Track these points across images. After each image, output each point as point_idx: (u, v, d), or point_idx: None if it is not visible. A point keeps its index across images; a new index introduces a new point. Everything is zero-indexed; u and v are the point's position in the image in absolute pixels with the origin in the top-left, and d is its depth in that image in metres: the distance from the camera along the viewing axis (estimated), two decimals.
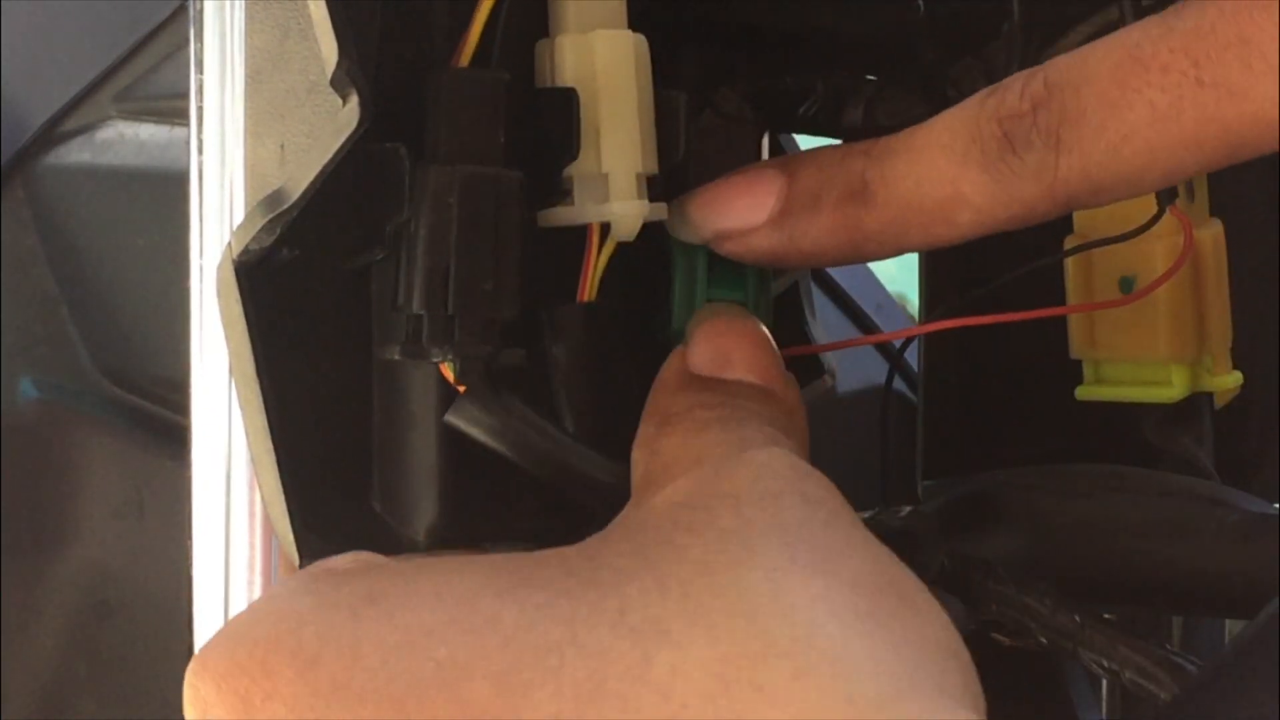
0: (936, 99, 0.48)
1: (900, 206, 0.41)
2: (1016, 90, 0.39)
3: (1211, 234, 0.53)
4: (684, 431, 0.40)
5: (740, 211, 0.43)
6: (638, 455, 0.41)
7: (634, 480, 0.40)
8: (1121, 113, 0.37)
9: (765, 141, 0.54)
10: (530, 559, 0.36)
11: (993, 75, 0.47)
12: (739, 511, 0.35)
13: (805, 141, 0.62)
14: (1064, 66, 0.39)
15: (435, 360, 0.42)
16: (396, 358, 0.42)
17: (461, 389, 0.42)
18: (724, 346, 0.42)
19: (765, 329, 0.43)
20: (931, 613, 0.34)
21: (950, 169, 0.40)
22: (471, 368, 0.42)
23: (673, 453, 0.39)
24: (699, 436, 0.39)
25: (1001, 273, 0.55)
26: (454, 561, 0.37)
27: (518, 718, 0.33)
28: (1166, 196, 0.48)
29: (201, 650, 0.38)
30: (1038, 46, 0.47)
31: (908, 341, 0.55)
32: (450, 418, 0.42)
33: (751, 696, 0.31)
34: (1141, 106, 0.37)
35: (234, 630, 0.37)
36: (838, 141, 0.46)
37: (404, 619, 0.35)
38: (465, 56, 0.42)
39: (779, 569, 0.33)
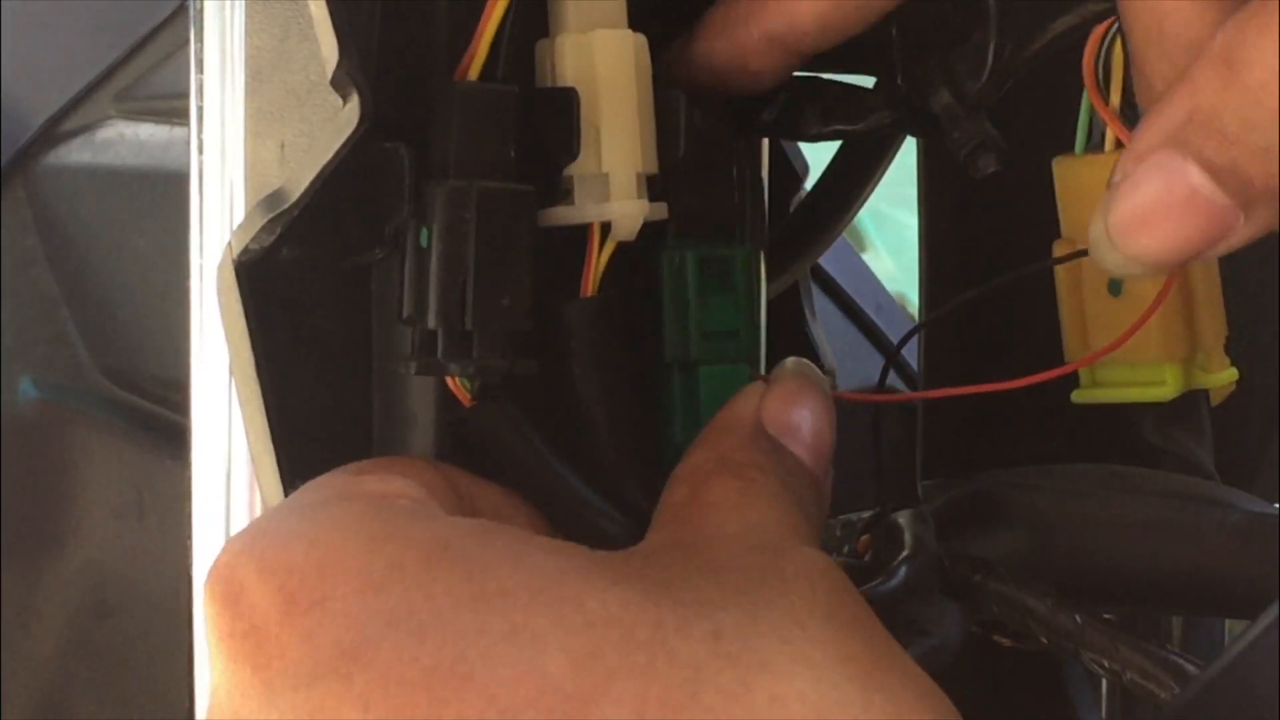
0: (899, 104, 0.49)
1: None
2: None
3: None
4: (737, 486, 0.40)
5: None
6: (683, 480, 0.41)
7: (672, 498, 0.41)
8: None
9: (765, 147, 0.54)
10: (598, 554, 0.36)
11: (954, 80, 0.48)
12: (813, 590, 0.36)
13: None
14: None
15: (452, 374, 0.42)
16: (411, 372, 0.42)
17: (469, 404, 0.42)
18: (797, 417, 0.43)
19: (833, 411, 0.44)
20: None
21: None
22: (491, 382, 0.42)
23: (720, 498, 0.40)
24: (749, 497, 0.40)
25: (1000, 274, 0.55)
26: (524, 534, 0.37)
27: (596, 703, 0.32)
28: None
29: (243, 533, 0.37)
30: (1010, 51, 0.47)
31: (905, 339, 0.55)
32: (462, 425, 0.42)
33: None
34: None
35: (288, 526, 0.36)
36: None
37: (479, 575, 0.34)
38: (475, 69, 0.42)
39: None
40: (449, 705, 0.33)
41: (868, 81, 0.51)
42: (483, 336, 0.41)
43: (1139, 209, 0.37)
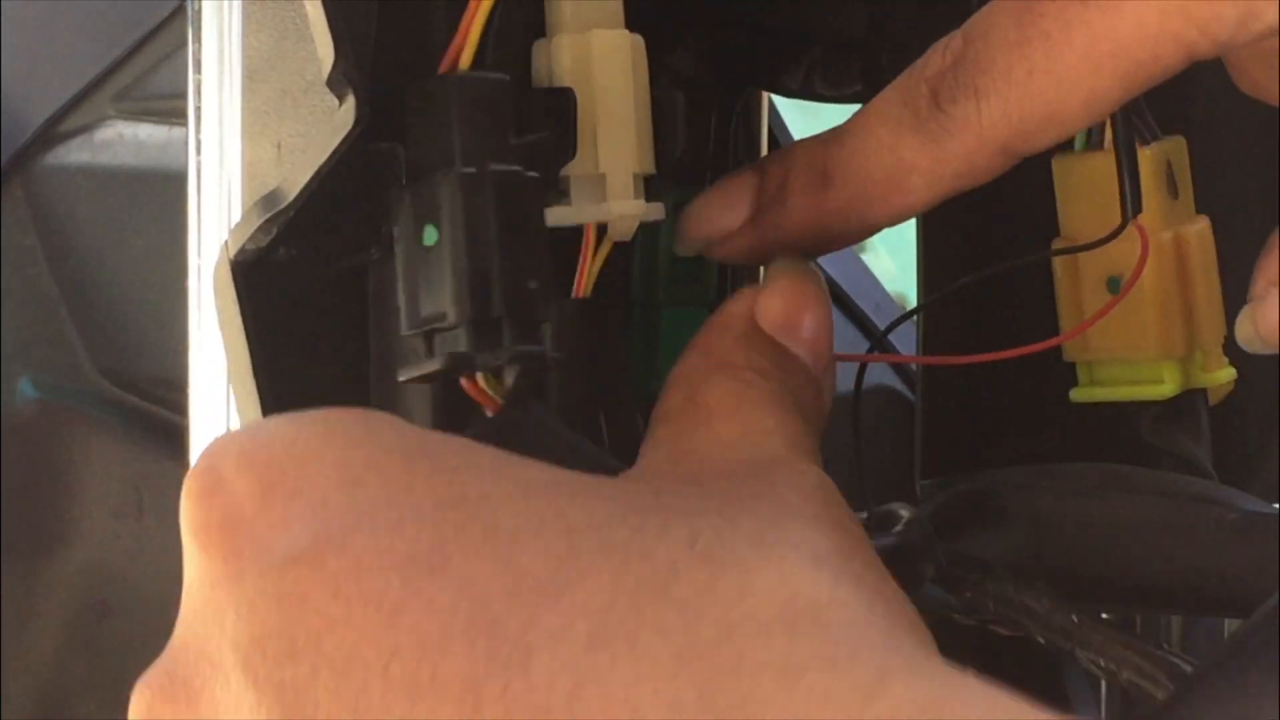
0: (874, 82, 0.49)
1: (856, 182, 0.42)
2: (940, 49, 0.41)
3: (1197, 231, 0.53)
4: (733, 389, 0.40)
5: (720, 218, 0.44)
6: (678, 384, 0.41)
7: (667, 402, 0.40)
8: (1022, 49, 0.39)
9: (765, 103, 0.54)
10: (588, 475, 0.36)
11: None
12: (802, 500, 0.36)
13: (792, 121, 0.63)
14: (976, 19, 0.41)
15: (485, 369, 0.40)
16: (439, 368, 0.40)
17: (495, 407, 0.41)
18: (796, 315, 0.42)
19: (830, 307, 0.44)
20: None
21: (889, 137, 0.41)
22: (531, 371, 0.41)
23: (715, 403, 0.39)
24: (746, 402, 0.39)
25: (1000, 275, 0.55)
26: (505, 453, 0.37)
27: (568, 594, 0.32)
28: (1132, 208, 0.48)
29: (228, 433, 0.37)
30: None
31: (891, 326, 0.56)
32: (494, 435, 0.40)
33: (816, 632, 0.31)
34: (1038, 39, 0.39)
35: (272, 425, 0.36)
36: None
37: (460, 478, 0.34)
38: (466, 59, 0.42)
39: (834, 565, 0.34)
40: (421, 592, 0.32)
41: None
42: (513, 323, 0.40)
43: None
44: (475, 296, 0.40)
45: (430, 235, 0.40)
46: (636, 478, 0.38)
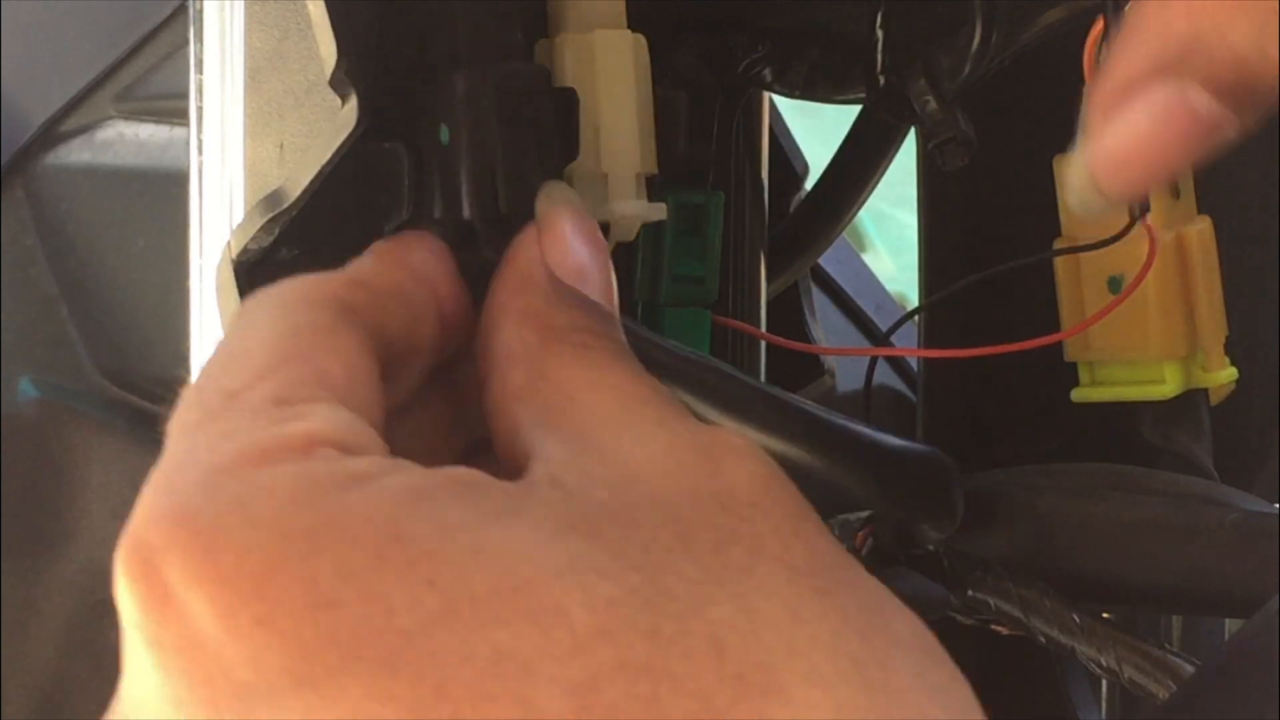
0: (878, 89, 0.49)
1: None
2: None
3: (1198, 231, 0.53)
4: (578, 360, 0.37)
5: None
6: (511, 360, 0.37)
7: (510, 381, 0.37)
8: None
9: (766, 103, 0.54)
10: (526, 504, 0.33)
11: (934, 76, 0.48)
12: (776, 533, 0.33)
13: (793, 122, 0.63)
14: None
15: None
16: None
17: None
18: (580, 257, 0.39)
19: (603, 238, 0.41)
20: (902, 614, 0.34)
21: None
22: None
23: (571, 379, 0.36)
24: (601, 373, 0.36)
25: (998, 277, 0.55)
26: (478, 499, 0.33)
27: None
28: (1139, 208, 0.48)
29: (159, 505, 0.32)
30: (997, 44, 0.48)
31: (894, 326, 0.56)
32: None
33: None
34: None
35: (212, 510, 0.32)
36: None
37: (442, 579, 0.31)
38: None
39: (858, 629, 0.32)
40: None
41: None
42: (519, 220, 0.40)
43: (1131, 142, 0.35)
44: (481, 196, 0.40)
45: (445, 134, 0.41)
46: (566, 496, 0.34)
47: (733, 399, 0.42)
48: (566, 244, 0.39)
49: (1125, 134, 0.35)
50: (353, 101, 0.39)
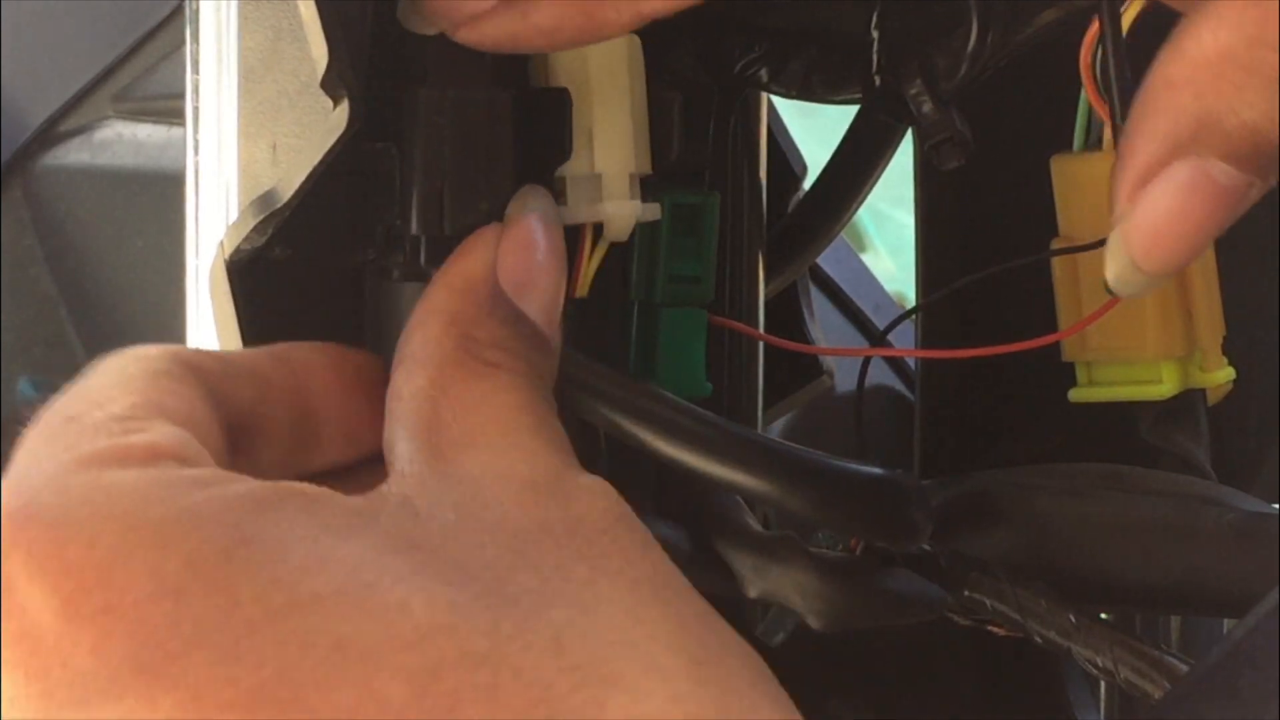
0: (873, 89, 0.49)
1: None
2: None
3: None
4: (486, 380, 0.37)
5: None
6: (420, 362, 0.38)
7: (410, 383, 0.37)
8: None
9: (764, 103, 0.54)
10: (375, 518, 0.33)
11: (930, 75, 0.48)
12: (622, 553, 0.34)
13: (791, 122, 0.63)
14: None
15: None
16: (395, 279, 0.42)
17: None
18: (531, 271, 0.39)
19: (564, 252, 0.41)
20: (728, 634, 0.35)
21: None
22: None
23: (468, 398, 0.37)
24: (503, 395, 0.37)
25: (996, 278, 0.55)
26: (306, 498, 0.33)
27: None
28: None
29: (5, 506, 0.32)
30: (992, 44, 0.48)
31: (891, 325, 0.56)
32: None
33: None
34: None
35: (57, 507, 0.32)
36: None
37: (287, 576, 0.31)
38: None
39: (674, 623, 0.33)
40: None
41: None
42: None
43: (1162, 220, 0.37)
44: (427, 214, 0.41)
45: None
46: (421, 506, 0.34)
47: (675, 427, 0.43)
48: (521, 254, 0.39)
49: (1155, 213, 0.37)
50: (344, 103, 0.39)
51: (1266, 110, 0.35)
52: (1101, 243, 0.50)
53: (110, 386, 0.36)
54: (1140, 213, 0.37)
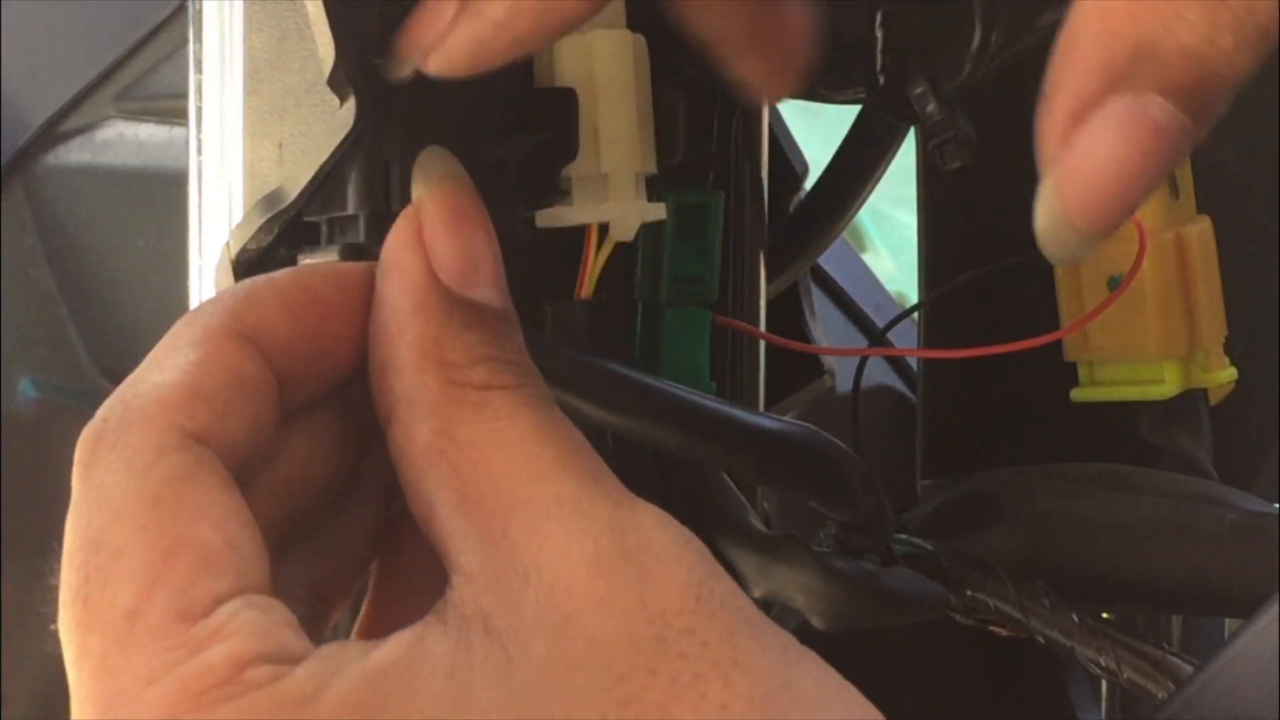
0: (878, 88, 0.49)
1: None
2: None
3: (1198, 231, 0.53)
4: (482, 414, 0.35)
5: (428, 20, 0.37)
6: (419, 416, 0.35)
7: (414, 438, 0.35)
8: None
9: (765, 114, 0.54)
10: (494, 672, 0.32)
11: (934, 75, 0.48)
12: (715, 666, 0.33)
13: (793, 121, 0.63)
14: None
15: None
16: (335, 258, 0.41)
17: None
18: (465, 251, 0.37)
19: (486, 215, 0.38)
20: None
21: None
22: None
23: (480, 450, 0.35)
24: (507, 430, 0.35)
25: (998, 277, 0.55)
26: (432, 682, 0.32)
27: None
28: None
29: None
30: (995, 47, 0.48)
31: (891, 324, 0.56)
32: None
33: None
34: None
35: None
36: None
37: None
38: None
39: None
40: None
41: None
42: None
43: (1097, 167, 0.32)
44: (372, 191, 0.40)
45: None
46: (534, 679, 0.33)
47: (624, 405, 0.42)
48: (448, 238, 0.37)
49: (1091, 158, 0.32)
50: (351, 101, 0.39)
51: (1206, 31, 0.30)
52: None
53: (141, 531, 0.34)
54: (1075, 157, 0.32)
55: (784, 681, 0.33)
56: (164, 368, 0.36)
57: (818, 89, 0.53)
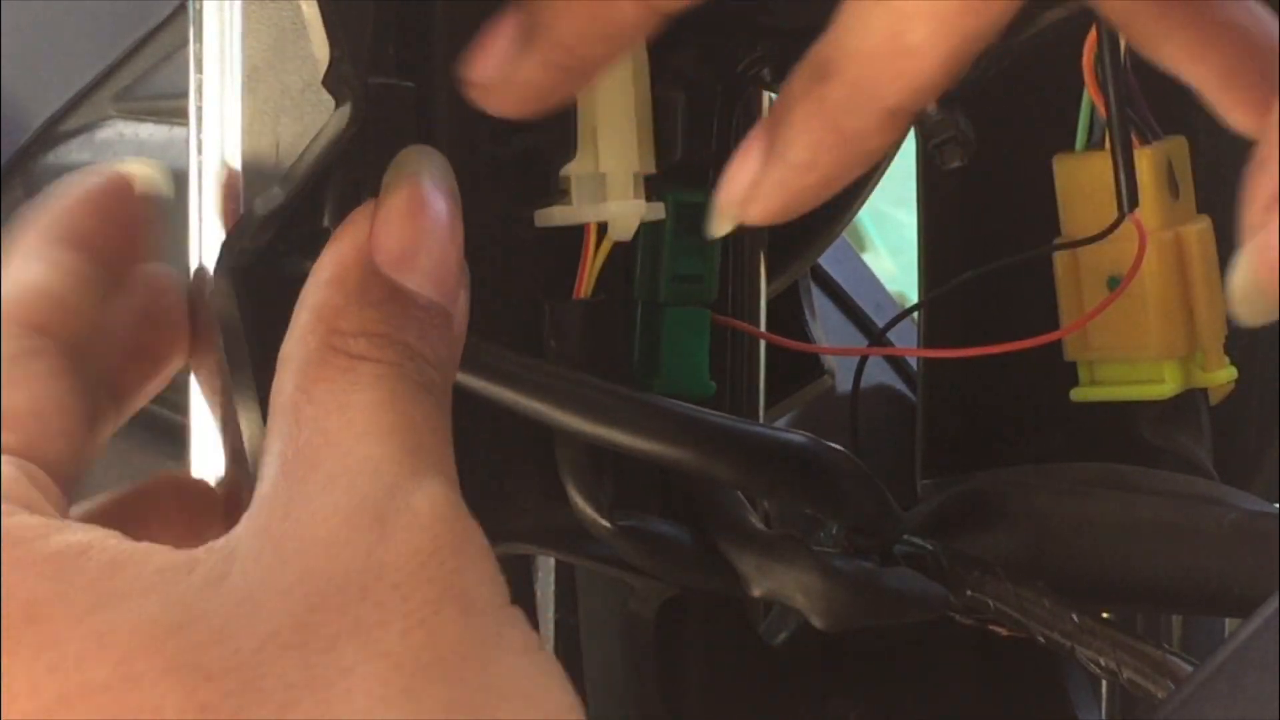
0: None
1: (855, 60, 0.36)
2: None
3: (1198, 230, 0.53)
4: (344, 375, 0.35)
5: (738, 174, 0.38)
6: (291, 361, 0.36)
7: (280, 393, 0.36)
8: None
9: (766, 103, 0.54)
10: (197, 593, 0.33)
11: None
12: (403, 621, 0.33)
13: None
14: None
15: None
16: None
17: None
18: (412, 239, 0.37)
19: (458, 212, 0.38)
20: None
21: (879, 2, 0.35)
22: None
23: (328, 408, 0.35)
24: (356, 394, 0.35)
25: (998, 277, 0.55)
26: (124, 574, 0.33)
27: None
28: (1129, 204, 0.48)
29: None
30: (998, 45, 0.48)
31: (891, 323, 0.56)
32: None
33: None
34: None
35: None
36: None
37: (62, 664, 0.31)
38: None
39: None
40: None
41: None
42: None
43: None
44: (342, 209, 0.40)
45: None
46: (244, 583, 0.33)
47: (587, 403, 0.43)
48: (398, 223, 0.37)
49: None
50: (347, 101, 0.39)
51: None
52: (1100, 236, 0.50)
53: None
54: (1267, 235, 0.33)
55: (466, 654, 0.33)
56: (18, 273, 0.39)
57: None
